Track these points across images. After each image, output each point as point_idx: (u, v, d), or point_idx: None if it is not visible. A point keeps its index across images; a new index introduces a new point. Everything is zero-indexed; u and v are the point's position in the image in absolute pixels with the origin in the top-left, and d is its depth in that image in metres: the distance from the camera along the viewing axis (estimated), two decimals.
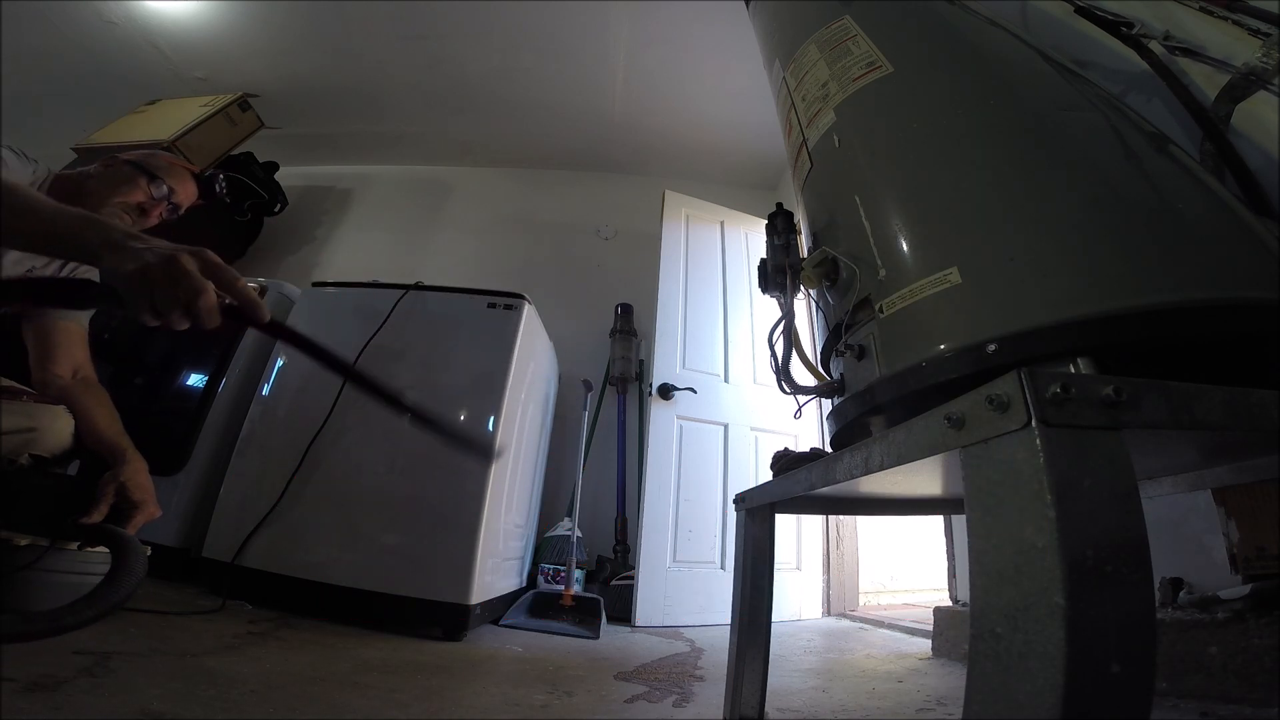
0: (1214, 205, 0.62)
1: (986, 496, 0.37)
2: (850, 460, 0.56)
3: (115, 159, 1.20)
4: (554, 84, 2.99)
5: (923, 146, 0.71)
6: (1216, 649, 0.96)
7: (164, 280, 0.57)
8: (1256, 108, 0.86)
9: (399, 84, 3.07)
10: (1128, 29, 1.02)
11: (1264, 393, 0.40)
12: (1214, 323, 0.50)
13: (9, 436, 1.00)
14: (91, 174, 1.17)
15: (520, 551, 2.10)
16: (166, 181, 1.21)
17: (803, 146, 0.89)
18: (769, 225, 0.92)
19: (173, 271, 0.57)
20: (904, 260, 0.65)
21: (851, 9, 0.91)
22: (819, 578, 2.49)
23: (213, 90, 2.98)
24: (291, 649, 1.22)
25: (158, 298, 0.57)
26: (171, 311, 0.58)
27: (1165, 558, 1.12)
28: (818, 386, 0.81)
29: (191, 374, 2.05)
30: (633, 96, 3.03)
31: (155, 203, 1.19)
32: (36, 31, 2.70)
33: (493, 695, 1.10)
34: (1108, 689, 0.30)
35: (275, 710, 0.85)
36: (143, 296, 0.57)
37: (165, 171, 1.22)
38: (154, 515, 1.06)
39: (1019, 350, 0.52)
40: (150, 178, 1.19)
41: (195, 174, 1.29)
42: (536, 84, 3.00)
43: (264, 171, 3.14)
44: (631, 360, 2.86)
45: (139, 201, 1.17)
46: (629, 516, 2.50)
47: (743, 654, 0.89)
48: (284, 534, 1.61)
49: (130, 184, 1.16)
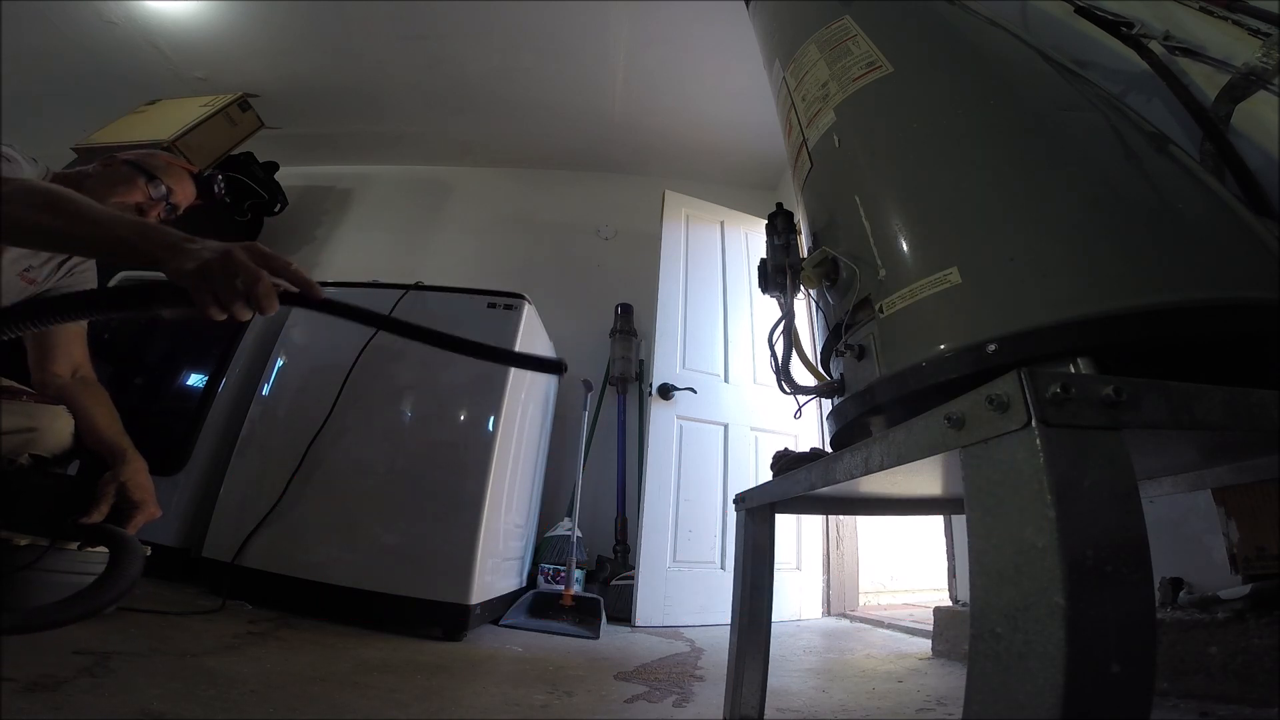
0: (1214, 205, 0.62)
1: (986, 496, 0.37)
2: (850, 460, 0.56)
3: (113, 159, 1.20)
4: (554, 84, 2.99)
5: (923, 146, 0.71)
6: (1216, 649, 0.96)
7: (222, 273, 0.61)
8: (1256, 108, 0.86)
9: (399, 84, 3.07)
10: (1128, 29, 1.02)
11: (1264, 393, 0.40)
12: (1214, 323, 0.50)
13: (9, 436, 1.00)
14: (90, 174, 1.17)
15: (520, 551, 2.10)
16: (164, 181, 1.20)
17: (803, 146, 0.89)
18: (769, 225, 0.92)
19: (229, 264, 0.61)
20: (904, 260, 0.65)
21: (851, 9, 0.91)
22: (819, 578, 2.49)
23: (213, 90, 2.98)
24: (291, 649, 1.22)
25: (219, 290, 0.61)
26: (234, 302, 0.62)
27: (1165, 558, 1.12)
28: (818, 386, 0.81)
29: (191, 374, 2.05)
30: (633, 96, 3.03)
31: (153, 203, 1.19)
32: (36, 31, 2.70)
33: (493, 695, 1.10)
34: (1108, 689, 0.30)
35: (275, 710, 0.85)
36: (206, 291, 0.61)
37: (163, 171, 1.22)
38: (154, 515, 1.06)
39: (1019, 350, 0.52)
40: (148, 178, 1.18)
41: (193, 174, 1.28)
42: (536, 84, 3.00)
43: (264, 171, 3.14)
44: (631, 360, 2.86)
45: (137, 202, 1.16)
46: (629, 516, 2.50)
47: (743, 654, 0.89)
48: (284, 534, 1.61)
49: (128, 184, 1.16)
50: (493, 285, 1.98)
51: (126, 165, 1.19)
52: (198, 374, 2.04)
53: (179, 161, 1.29)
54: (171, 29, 2.75)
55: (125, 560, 0.85)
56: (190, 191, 1.27)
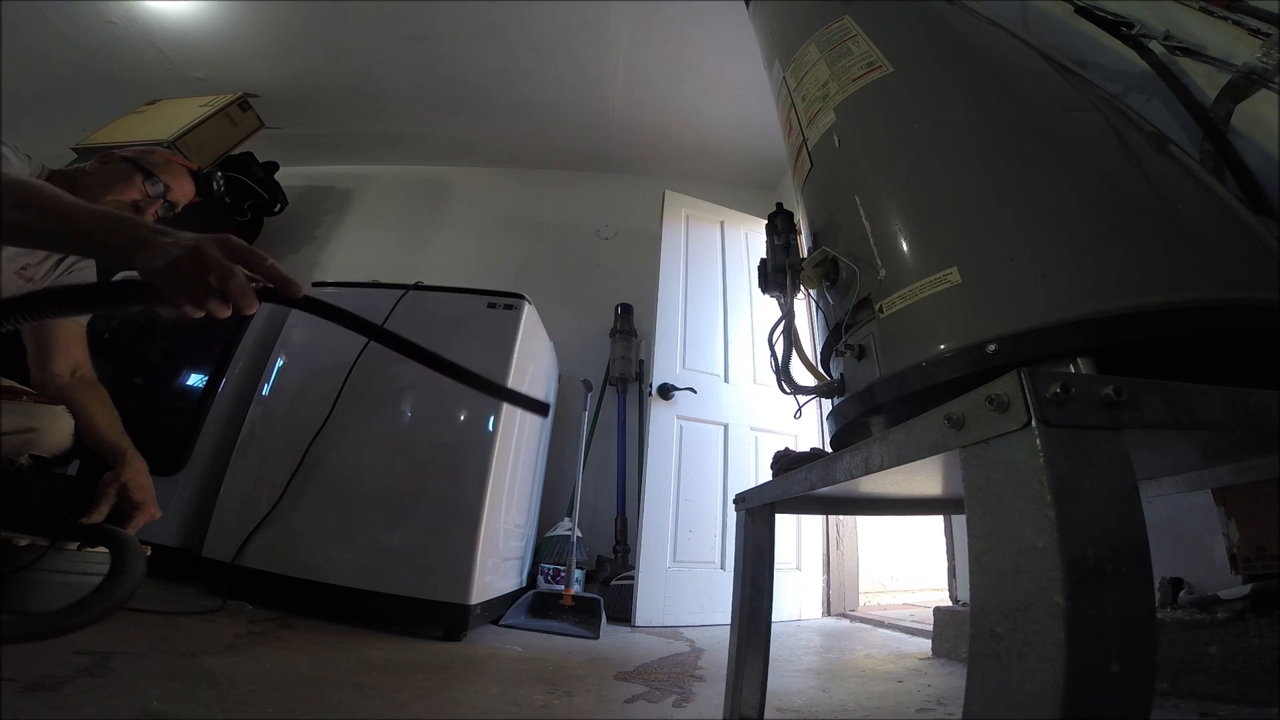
0: (1214, 205, 0.62)
1: (986, 496, 0.37)
2: (850, 460, 0.56)
3: (111, 156, 1.19)
4: (554, 84, 2.99)
5: (923, 146, 0.71)
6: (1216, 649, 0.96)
7: (191, 270, 0.57)
8: (1256, 108, 0.86)
9: (399, 84, 3.07)
10: (1128, 29, 1.02)
11: (1264, 393, 0.40)
12: (1214, 323, 0.50)
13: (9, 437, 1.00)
14: (87, 171, 1.16)
15: (520, 551, 2.10)
16: (162, 179, 1.19)
17: (803, 146, 0.89)
18: (769, 225, 0.92)
19: (198, 260, 0.58)
20: (904, 260, 0.65)
21: (851, 9, 0.91)
22: (819, 578, 2.49)
23: (213, 90, 2.98)
24: (291, 649, 1.22)
25: (191, 288, 0.58)
26: (207, 300, 0.58)
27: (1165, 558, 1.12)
28: (818, 386, 0.81)
29: (191, 374, 2.05)
30: (633, 96, 3.03)
31: (151, 200, 1.18)
32: (36, 31, 2.70)
33: (493, 695, 1.10)
34: (1108, 689, 0.30)
35: (275, 710, 0.85)
36: (177, 289, 0.58)
37: (161, 169, 1.20)
38: (154, 516, 1.05)
39: (1019, 350, 0.52)
40: (146, 175, 1.17)
41: (192, 171, 1.27)
42: (536, 84, 3.00)
43: (264, 171, 3.14)
44: (631, 360, 2.86)
45: (134, 199, 1.15)
46: (629, 516, 2.50)
47: (743, 654, 0.89)
48: (284, 534, 1.61)
49: (126, 181, 1.15)
50: (493, 285, 1.98)
51: (124, 162, 1.18)
52: (198, 374, 2.04)
53: (177, 158, 1.28)
54: (171, 29, 2.75)
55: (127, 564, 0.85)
56: (189, 189, 1.26)
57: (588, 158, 3.53)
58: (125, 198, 1.14)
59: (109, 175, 1.15)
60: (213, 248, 0.59)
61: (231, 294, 0.59)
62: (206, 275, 0.58)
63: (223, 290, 0.59)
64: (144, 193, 1.17)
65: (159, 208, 1.20)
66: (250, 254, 0.62)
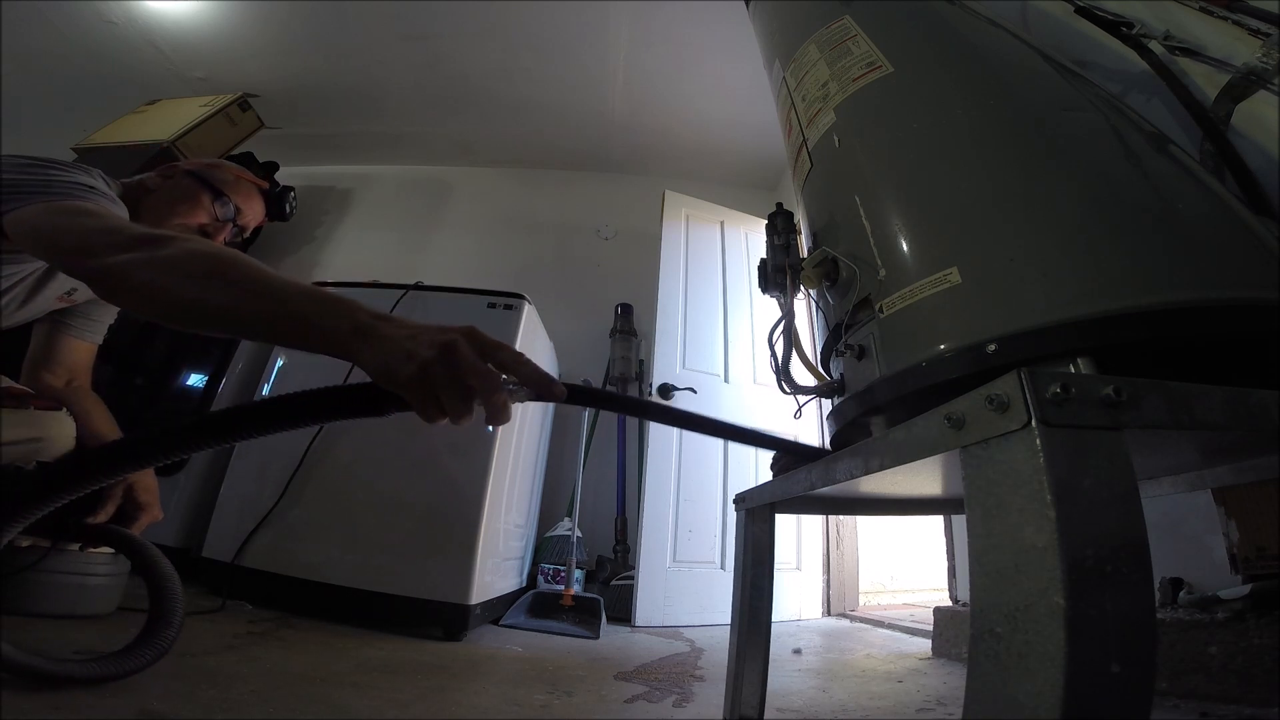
0: (1214, 205, 0.62)
1: (986, 496, 0.37)
2: (850, 460, 0.56)
3: (175, 169, 1.05)
4: (554, 84, 2.98)
5: (923, 146, 0.71)
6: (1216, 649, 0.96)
7: (447, 378, 0.47)
8: (1256, 108, 0.86)
9: (399, 84, 3.07)
10: (1128, 29, 1.02)
11: (1264, 393, 0.40)
12: (1214, 323, 0.49)
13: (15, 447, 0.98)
14: (149, 187, 1.02)
15: (520, 551, 2.10)
16: (233, 200, 1.06)
17: (803, 146, 0.89)
18: (769, 225, 0.92)
19: (454, 365, 0.47)
20: (904, 260, 0.65)
21: (851, 9, 0.91)
22: (819, 578, 2.49)
23: (213, 90, 2.98)
24: (291, 649, 1.22)
25: (447, 401, 0.48)
26: (465, 415, 0.49)
27: (1165, 558, 1.12)
28: (818, 386, 0.81)
29: (191, 374, 2.05)
30: (633, 96, 3.03)
31: (220, 225, 1.04)
32: (36, 31, 2.70)
33: (493, 695, 1.10)
34: (1108, 689, 0.30)
35: (275, 710, 0.85)
36: (429, 402, 0.48)
37: (232, 187, 1.07)
38: (157, 518, 1.05)
39: (1019, 350, 0.52)
40: (215, 194, 1.04)
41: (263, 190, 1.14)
42: (536, 84, 2.99)
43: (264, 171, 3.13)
44: (631, 360, 2.86)
45: (201, 224, 1.02)
46: (629, 516, 2.50)
47: (743, 654, 0.89)
48: (284, 534, 1.62)
49: (193, 202, 1.02)
50: (493, 285, 1.98)
51: (190, 178, 1.03)
52: (198, 374, 2.04)
53: (246, 174, 1.13)
54: (171, 29, 2.75)
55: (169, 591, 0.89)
56: (259, 210, 1.12)
57: (588, 158, 3.53)
58: (191, 221, 1.01)
59: (173, 193, 1.01)
60: (467, 348, 0.48)
61: (495, 409, 0.50)
62: (466, 382, 0.47)
63: (484, 402, 0.49)
64: (212, 215, 1.03)
65: (228, 233, 1.06)
66: (503, 352, 0.51)
